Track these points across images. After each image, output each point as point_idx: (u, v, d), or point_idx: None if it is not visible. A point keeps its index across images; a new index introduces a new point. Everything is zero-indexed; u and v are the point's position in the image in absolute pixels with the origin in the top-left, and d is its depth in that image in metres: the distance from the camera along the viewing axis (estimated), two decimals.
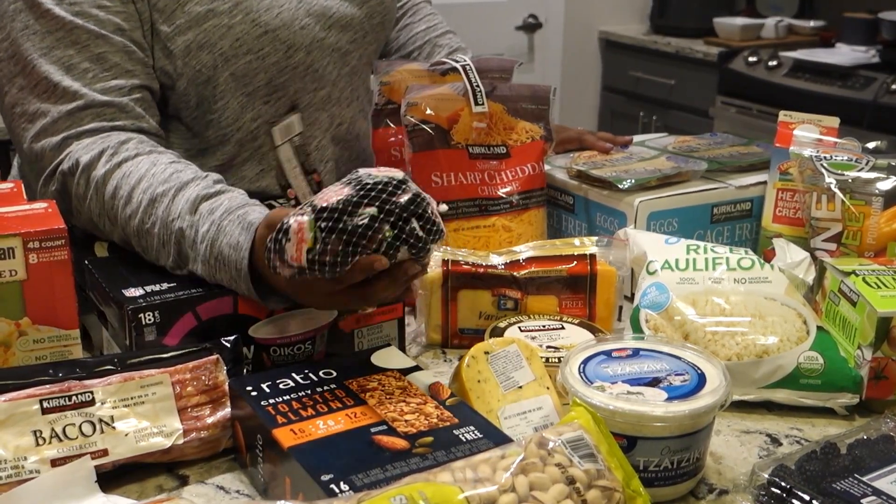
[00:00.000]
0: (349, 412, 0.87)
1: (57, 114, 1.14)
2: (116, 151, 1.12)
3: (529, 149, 1.35)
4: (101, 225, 1.14)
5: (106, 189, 1.11)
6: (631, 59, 3.94)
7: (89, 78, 1.15)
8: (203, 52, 1.22)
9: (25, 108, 1.16)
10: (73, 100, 1.14)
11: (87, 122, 1.15)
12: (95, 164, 1.12)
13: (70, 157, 1.13)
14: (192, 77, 1.23)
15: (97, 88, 1.16)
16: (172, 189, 1.08)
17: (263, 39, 1.25)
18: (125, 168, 1.11)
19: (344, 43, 1.36)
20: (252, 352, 1.07)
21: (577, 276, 1.19)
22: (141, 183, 1.09)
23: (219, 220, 1.04)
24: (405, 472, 0.78)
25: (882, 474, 0.88)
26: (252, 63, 1.26)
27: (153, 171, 1.10)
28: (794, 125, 1.37)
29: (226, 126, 1.29)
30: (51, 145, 1.15)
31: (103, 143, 1.13)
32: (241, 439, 0.93)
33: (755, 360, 1.05)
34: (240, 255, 1.00)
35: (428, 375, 0.95)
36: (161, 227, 1.06)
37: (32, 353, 1.02)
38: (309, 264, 0.89)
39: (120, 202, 1.10)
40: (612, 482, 0.77)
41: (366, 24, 1.39)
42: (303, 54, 1.30)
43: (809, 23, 3.74)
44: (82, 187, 1.12)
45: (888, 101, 2.97)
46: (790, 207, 1.32)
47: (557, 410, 0.96)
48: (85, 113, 1.15)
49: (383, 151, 1.36)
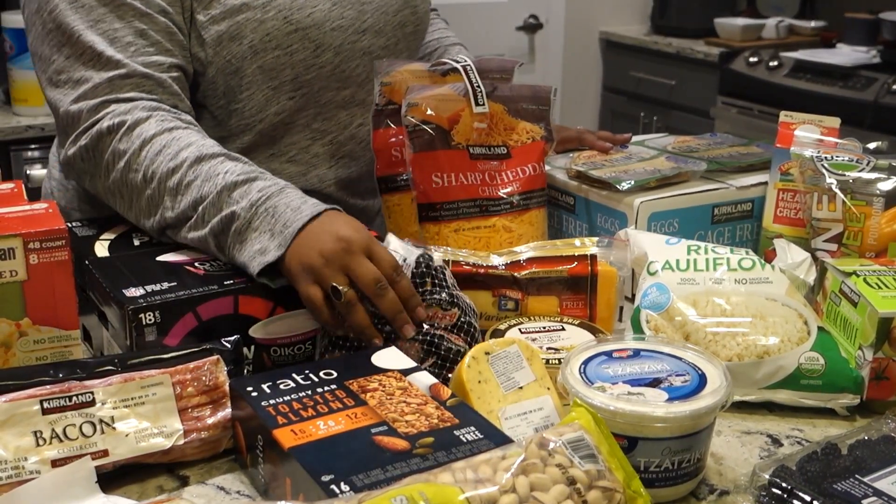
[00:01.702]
0: (350, 413, 0.87)
1: (99, 80, 1.19)
2: (167, 119, 1.18)
3: (530, 149, 1.35)
4: (132, 180, 1.16)
5: (152, 146, 1.15)
6: (632, 60, 3.94)
7: (132, 51, 1.21)
8: (234, 44, 1.26)
9: (70, 74, 1.21)
10: (115, 68, 1.19)
11: (127, 90, 1.20)
12: (144, 123, 1.17)
13: (111, 117, 1.17)
14: (221, 66, 1.27)
15: (138, 61, 1.21)
16: (224, 155, 1.15)
17: (293, 37, 1.28)
18: (176, 133, 1.16)
19: (376, 48, 1.38)
20: (252, 352, 1.07)
21: (578, 276, 1.19)
22: (191, 146, 1.15)
23: (283, 185, 1.11)
24: (406, 472, 0.78)
25: (883, 475, 0.88)
26: (280, 58, 1.29)
27: (204, 142, 1.16)
28: (794, 125, 1.37)
29: (249, 116, 1.32)
30: (88, 107, 1.19)
31: (151, 110, 1.18)
32: (242, 440, 0.93)
33: (756, 360, 1.05)
34: (297, 216, 1.06)
35: (428, 376, 0.95)
36: (204, 181, 1.12)
37: (33, 353, 1.02)
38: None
39: (165, 157, 1.14)
40: (612, 483, 0.77)
41: (398, 31, 1.41)
42: (331, 55, 1.32)
43: (810, 23, 3.74)
44: (126, 143, 1.16)
45: (889, 101, 2.97)
46: (791, 208, 1.32)
47: (558, 411, 0.96)
48: (125, 82, 1.20)
49: (384, 152, 1.36)
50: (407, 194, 1.33)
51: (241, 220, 1.08)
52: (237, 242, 1.09)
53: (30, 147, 2.68)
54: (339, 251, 1.03)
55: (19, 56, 2.65)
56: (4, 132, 2.63)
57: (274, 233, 1.06)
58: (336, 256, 1.03)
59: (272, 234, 1.06)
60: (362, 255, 1.03)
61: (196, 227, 1.12)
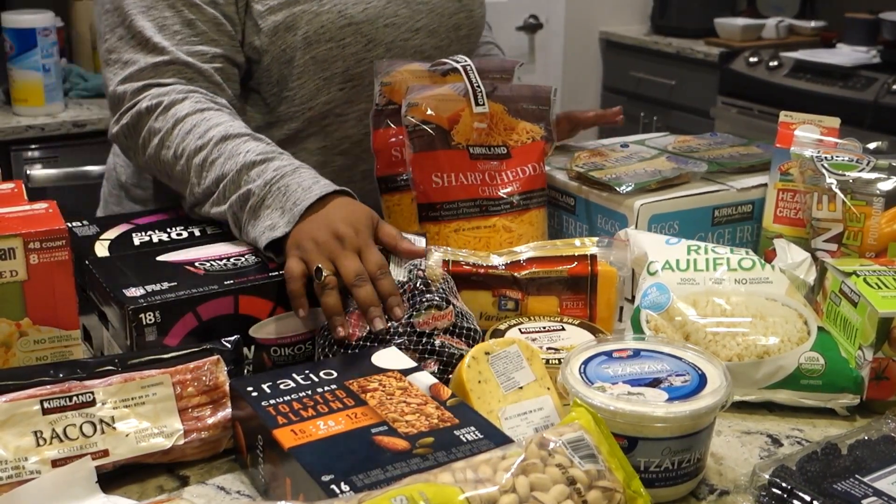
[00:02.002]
0: (350, 413, 0.87)
1: (144, 64, 1.27)
2: (201, 101, 1.24)
3: (530, 149, 1.35)
4: (165, 157, 1.23)
5: (184, 125, 1.21)
6: (632, 60, 3.94)
7: (178, 39, 1.27)
8: (289, 34, 1.31)
9: (120, 55, 1.29)
10: (160, 54, 1.27)
11: (168, 76, 1.27)
12: (180, 104, 1.23)
13: (150, 98, 1.25)
14: (276, 55, 1.33)
15: (183, 50, 1.27)
16: (248, 135, 1.20)
17: (346, 30, 1.33)
18: (207, 114, 1.22)
19: (428, 48, 1.42)
20: (252, 352, 1.07)
21: (578, 276, 1.19)
22: (219, 126, 1.20)
23: (297, 165, 1.16)
24: (406, 472, 0.78)
25: (883, 475, 0.88)
26: (332, 50, 1.33)
27: (233, 123, 1.22)
28: (794, 125, 1.37)
29: (299, 104, 1.37)
30: (132, 89, 1.27)
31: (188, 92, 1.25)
32: (242, 440, 0.93)
33: (756, 360, 1.05)
34: (307, 195, 1.10)
35: (428, 376, 0.95)
36: (227, 159, 1.17)
37: (33, 353, 1.02)
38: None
39: (194, 136, 1.20)
40: (612, 483, 0.77)
41: (452, 34, 1.45)
42: (382, 50, 1.37)
43: (810, 23, 3.74)
44: (161, 122, 1.23)
45: (889, 101, 2.97)
46: (791, 208, 1.32)
47: (558, 411, 0.96)
48: (168, 68, 1.27)
49: (384, 152, 1.35)
50: (407, 194, 1.33)
51: (256, 198, 1.13)
52: (252, 219, 1.14)
53: (30, 147, 2.68)
54: (332, 243, 1.07)
55: (19, 56, 2.65)
56: (4, 132, 2.63)
57: (284, 210, 1.11)
58: (327, 247, 1.07)
59: (283, 212, 1.11)
60: (353, 252, 1.07)
61: (218, 203, 1.18)
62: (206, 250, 1.15)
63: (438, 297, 1.06)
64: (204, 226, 1.24)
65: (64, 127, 2.68)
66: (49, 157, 2.70)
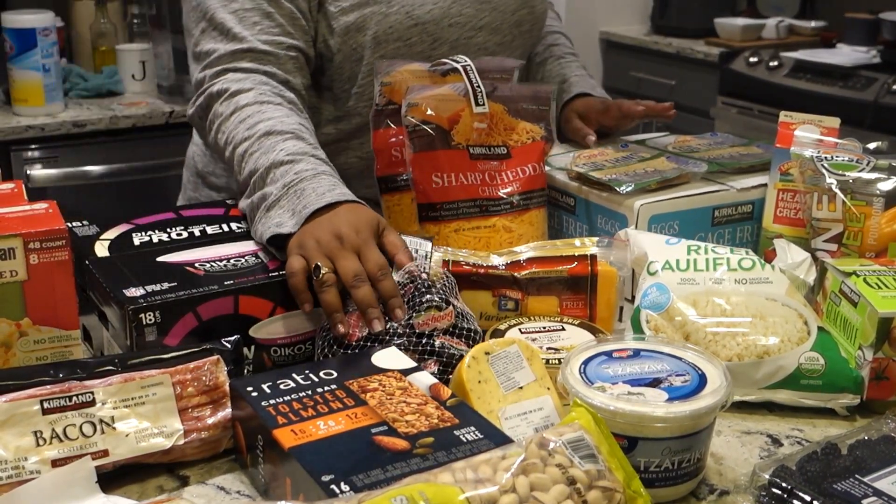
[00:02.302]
0: (350, 413, 0.87)
1: (223, 51, 1.34)
2: (265, 93, 1.30)
3: (530, 149, 1.35)
4: (220, 142, 1.29)
5: (241, 114, 1.27)
6: (632, 60, 3.93)
7: (257, 30, 1.35)
8: (359, 34, 1.38)
9: (203, 46, 1.37)
10: (238, 42, 1.34)
11: (245, 62, 1.33)
12: (244, 93, 1.29)
13: (223, 83, 1.32)
14: (347, 54, 1.39)
15: (261, 39, 1.34)
16: (291, 133, 1.23)
17: (413, 30, 1.39)
18: (264, 107, 1.27)
19: (491, 45, 1.47)
20: (253, 352, 1.07)
21: (578, 276, 1.19)
22: (270, 121, 1.24)
23: (320, 171, 1.18)
24: (406, 472, 0.78)
25: (883, 475, 0.88)
26: (400, 49, 1.39)
27: (284, 119, 1.26)
28: (794, 125, 1.37)
29: (367, 99, 1.41)
30: (211, 73, 1.34)
31: (257, 83, 1.31)
32: (242, 440, 0.93)
33: (756, 360, 1.05)
34: (318, 200, 1.12)
35: (428, 376, 0.95)
36: (262, 154, 1.20)
37: (33, 353, 1.02)
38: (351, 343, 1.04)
39: (244, 126, 1.25)
40: (612, 483, 0.77)
41: (514, 30, 1.50)
42: (447, 48, 1.42)
43: (810, 23, 3.74)
44: (224, 107, 1.29)
45: (889, 101, 2.97)
46: (791, 208, 1.32)
47: (558, 411, 0.96)
48: (245, 55, 1.34)
49: (384, 152, 1.35)
50: (407, 194, 1.33)
51: (272, 199, 1.16)
52: (264, 217, 1.16)
53: (30, 147, 2.68)
54: (333, 244, 1.08)
55: (19, 56, 2.65)
56: (4, 132, 2.63)
57: (294, 211, 1.13)
58: (327, 246, 1.08)
59: (293, 213, 1.13)
60: (352, 252, 1.08)
61: (247, 196, 1.21)
62: (206, 251, 1.15)
63: (438, 297, 1.06)
64: (204, 226, 1.24)
65: (64, 127, 2.69)
66: (49, 157, 2.70)
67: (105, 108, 2.81)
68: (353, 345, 1.04)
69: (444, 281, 1.10)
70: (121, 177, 2.78)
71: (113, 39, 3.04)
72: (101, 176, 2.77)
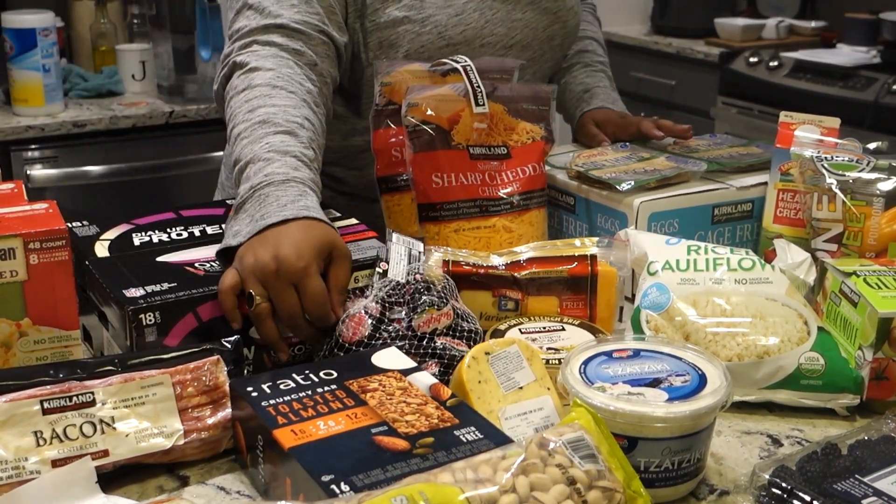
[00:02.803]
0: (350, 413, 0.87)
1: (255, 24, 1.31)
2: (283, 76, 1.25)
3: (530, 149, 1.35)
4: (226, 116, 1.26)
5: (249, 93, 1.23)
6: (632, 60, 3.93)
7: (293, 11, 1.32)
8: (391, 50, 1.38)
9: (237, 24, 1.34)
10: (272, 18, 1.31)
11: (276, 36, 1.30)
12: (262, 71, 1.25)
13: (247, 55, 1.28)
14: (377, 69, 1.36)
15: (295, 18, 1.32)
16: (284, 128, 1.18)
17: (445, 50, 1.39)
18: (275, 92, 1.23)
19: (521, 59, 1.45)
20: (253, 352, 1.07)
21: (578, 276, 1.19)
22: (271, 108, 1.20)
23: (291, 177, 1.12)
24: (406, 472, 0.78)
25: (883, 475, 0.88)
26: None
27: (288, 110, 1.21)
28: (794, 126, 1.37)
29: None
30: (238, 46, 1.31)
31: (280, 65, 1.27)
32: (242, 440, 0.93)
33: (756, 360, 1.05)
34: (278, 212, 1.07)
35: (428, 376, 0.95)
36: (249, 143, 1.16)
37: (33, 353, 1.02)
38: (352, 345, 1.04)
39: (246, 108, 1.21)
40: (612, 483, 0.77)
41: (545, 45, 1.49)
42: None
43: (810, 23, 3.74)
44: (239, 81, 1.26)
45: (889, 101, 2.97)
46: (791, 208, 1.32)
47: (558, 411, 0.96)
48: (277, 30, 1.31)
49: (384, 152, 1.35)
50: (407, 194, 1.33)
51: (240, 199, 1.12)
52: (233, 218, 1.12)
53: (30, 147, 2.68)
54: (269, 269, 1.02)
55: (19, 56, 2.65)
56: (4, 132, 2.63)
57: (253, 218, 1.08)
58: (263, 272, 1.02)
59: (251, 219, 1.08)
60: (287, 284, 1.02)
61: (233, 182, 1.17)
62: (207, 251, 1.15)
63: (436, 297, 1.06)
64: (204, 226, 1.24)
65: (64, 127, 2.69)
66: (49, 157, 2.70)
67: (105, 108, 2.81)
68: (352, 347, 1.04)
69: (445, 283, 1.10)
70: (121, 177, 2.78)
71: (113, 39, 3.04)
72: (101, 176, 2.77)
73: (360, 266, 1.12)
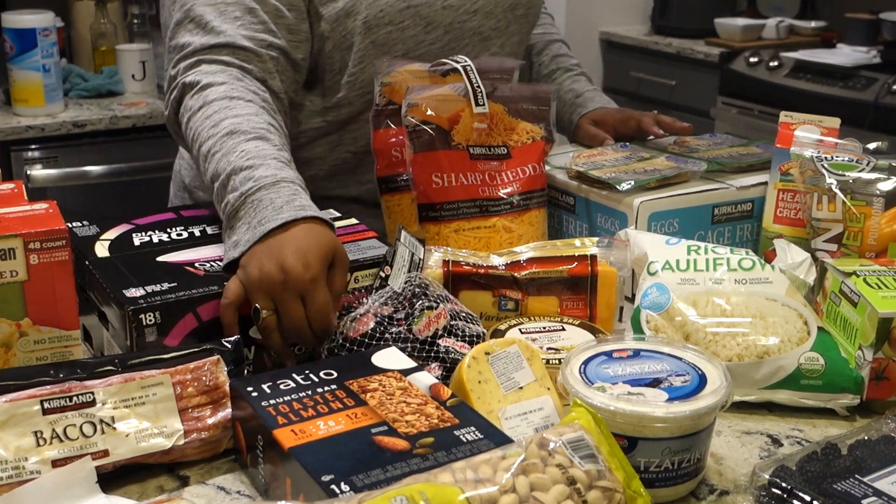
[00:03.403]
0: (350, 413, 0.87)
1: (200, 45, 1.28)
2: (237, 88, 1.23)
3: (530, 149, 1.35)
4: (188, 138, 1.23)
5: (208, 109, 1.20)
6: (632, 60, 3.93)
7: (237, 25, 1.29)
8: (349, 19, 1.33)
9: (179, 40, 1.30)
10: (217, 36, 1.28)
11: (223, 55, 1.27)
12: (215, 86, 1.23)
13: (196, 74, 1.25)
14: (337, 42, 1.35)
15: (242, 34, 1.28)
16: (255, 135, 1.16)
17: (405, 13, 1.35)
18: (233, 103, 1.21)
19: (486, 29, 1.43)
20: (253, 352, 1.07)
21: (578, 276, 1.19)
22: (235, 119, 1.18)
23: (279, 178, 1.11)
24: (406, 472, 0.78)
25: (883, 475, 0.88)
26: (392, 34, 1.35)
27: (251, 118, 1.19)
28: (795, 126, 1.37)
29: (358, 88, 1.38)
30: (186, 64, 1.28)
31: (232, 78, 1.24)
32: (242, 440, 0.93)
33: (756, 360, 1.05)
34: (275, 216, 1.06)
35: (428, 376, 0.95)
36: (223, 155, 1.14)
37: (33, 353, 1.02)
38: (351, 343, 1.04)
39: (209, 123, 1.19)
40: (612, 483, 0.77)
41: (509, 14, 1.46)
42: (441, 32, 1.38)
43: (811, 23, 3.74)
44: (194, 101, 1.23)
45: (889, 101, 2.96)
46: (791, 208, 1.32)
47: (558, 411, 0.96)
48: (224, 49, 1.27)
49: (384, 152, 1.35)
50: (407, 194, 1.33)
51: (231, 208, 1.10)
52: (229, 227, 1.11)
53: (30, 147, 2.68)
54: (276, 281, 1.01)
55: (19, 56, 2.65)
56: (4, 132, 2.63)
57: (251, 226, 1.07)
58: (270, 284, 1.01)
59: (249, 227, 1.07)
60: (295, 294, 1.02)
61: (218, 200, 1.15)
62: (206, 251, 1.15)
63: (431, 298, 1.06)
64: (204, 226, 1.24)
65: (64, 127, 2.69)
66: (49, 157, 2.70)
67: (105, 108, 2.81)
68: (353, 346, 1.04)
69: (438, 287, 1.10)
70: (121, 177, 2.78)
71: (113, 39, 3.04)
72: (101, 176, 2.77)
73: (360, 266, 1.12)
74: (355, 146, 1.44)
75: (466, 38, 1.40)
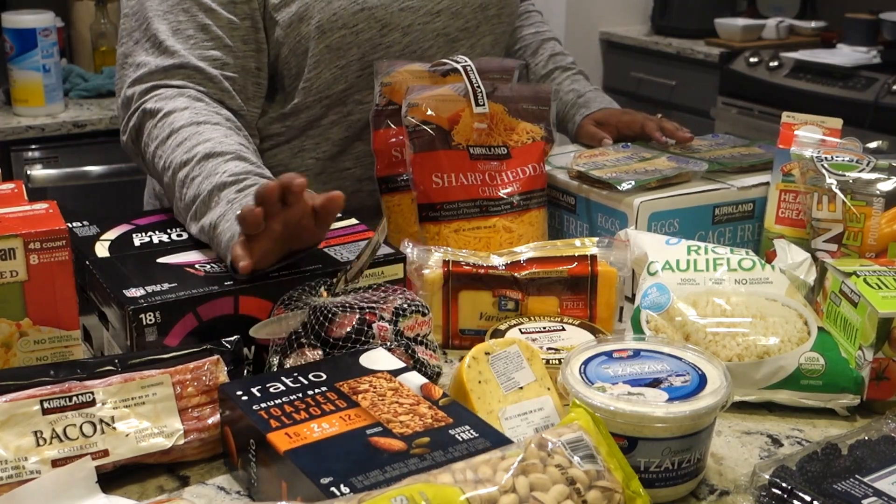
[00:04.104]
0: (343, 414, 0.87)
1: (155, 67, 1.27)
2: (201, 112, 1.23)
3: (530, 149, 1.35)
4: (157, 167, 1.22)
5: (177, 136, 1.20)
6: (632, 61, 3.93)
7: (191, 44, 1.28)
8: (302, 24, 1.31)
9: (134, 58, 1.30)
10: (171, 57, 1.27)
11: (177, 79, 1.27)
12: (179, 112, 1.22)
13: (155, 100, 1.25)
14: (292, 47, 1.33)
15: (195, 54, 1.28)
16: (232, 155, 1.17)
17: (359, 16, 1.32)
18: (202, 128, 1.21)
19: (453, 30, 1.40)
20: (253, 352, 1.07)
21: (578, 276, 1.19)
22: (208, 142, 1.18)
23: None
24: (404, 473, 0.78)
25: (883, 475, 0.88)
26: (346, 37, 1.32)
27: (224, 140, 1.19)
28: (796, 126, 1.37)
29: (316, 93, 1.36)
30: (140, 90, 1.27)
31: (192, 100, 1.24)
32: (232, 443, 0.93)
33: (756, 360, 1.05)
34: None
35: (418, 376, 0.94)
36: (204, 178, 1.14)
37: (33, 353, 1.02)
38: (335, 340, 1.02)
39: (182, 150, 1.18)
40: (612, 483, 0.77)
41: (479, 14, 1.43)
42: (399, 34, 1.36)
43: (811, 23, 3.73)
44: (159, 130, 1.22)
45: (889, 101, 2.96)
46: (793, 209, 1.32)
47: (558, 411, 0.96)
48: (178, 71, 1.27)
49: (384, 152, 1.35)
50: (407, 194, 1.33)
51: (217, 216, 1.11)
52: (214, 234, 1.11)
53: (30, 147, 2.68)
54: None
55: (19, 56, 2.65)
56: (4, 132, 2.63)
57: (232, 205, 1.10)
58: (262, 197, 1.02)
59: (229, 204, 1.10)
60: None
61: (195, 220, 1.15)
62: (207, 252, 1.15)
63: (420, 304, 1.06)
64: None
65: (64, 127, 2.69)
66: (49, 158, 2.71)
67: (105, 108, 2.81)
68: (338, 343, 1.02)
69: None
70: (121, 177, 2.78)
71: (113, 39, 3.04)
72: (101, 176, 2.77)
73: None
74: (318, 152, 1.42)
75: (430, 39, 1.38)
